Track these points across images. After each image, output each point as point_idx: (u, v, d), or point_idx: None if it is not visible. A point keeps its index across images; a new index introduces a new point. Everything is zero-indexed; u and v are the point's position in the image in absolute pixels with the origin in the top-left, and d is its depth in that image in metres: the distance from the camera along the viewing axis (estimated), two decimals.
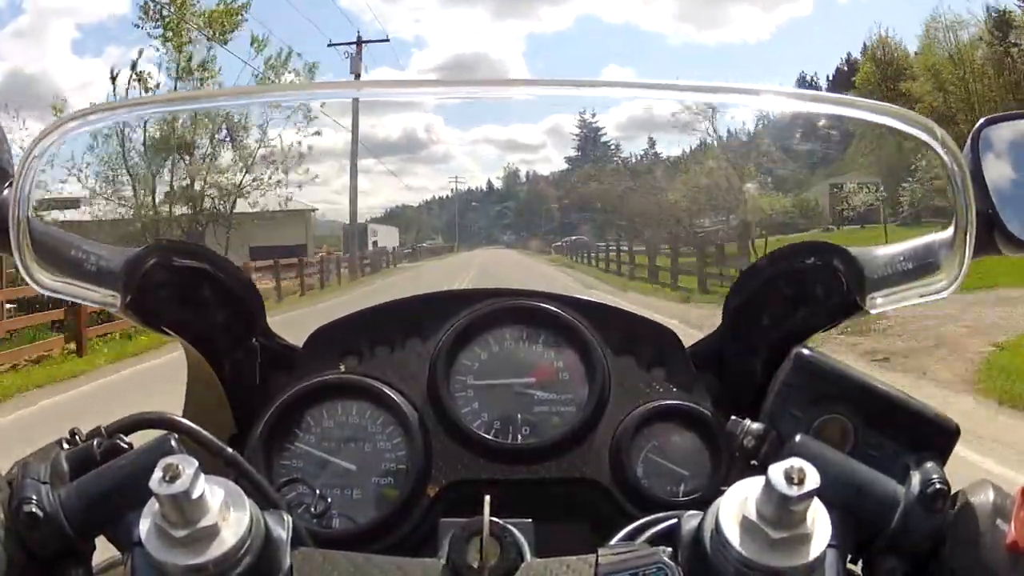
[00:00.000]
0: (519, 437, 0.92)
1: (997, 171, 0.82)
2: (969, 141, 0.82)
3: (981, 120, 0.84)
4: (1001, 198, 0.80)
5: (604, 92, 1.01)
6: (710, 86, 0.85)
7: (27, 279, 0.75)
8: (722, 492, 0.54)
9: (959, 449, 0.63)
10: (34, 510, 0.55)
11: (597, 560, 0.55)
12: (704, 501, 0.56)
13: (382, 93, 0.94)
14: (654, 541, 0.58)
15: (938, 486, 0.57)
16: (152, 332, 0.90)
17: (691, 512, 0.57)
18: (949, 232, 0.78)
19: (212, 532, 0.51)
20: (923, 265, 0.80)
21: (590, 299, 1.03)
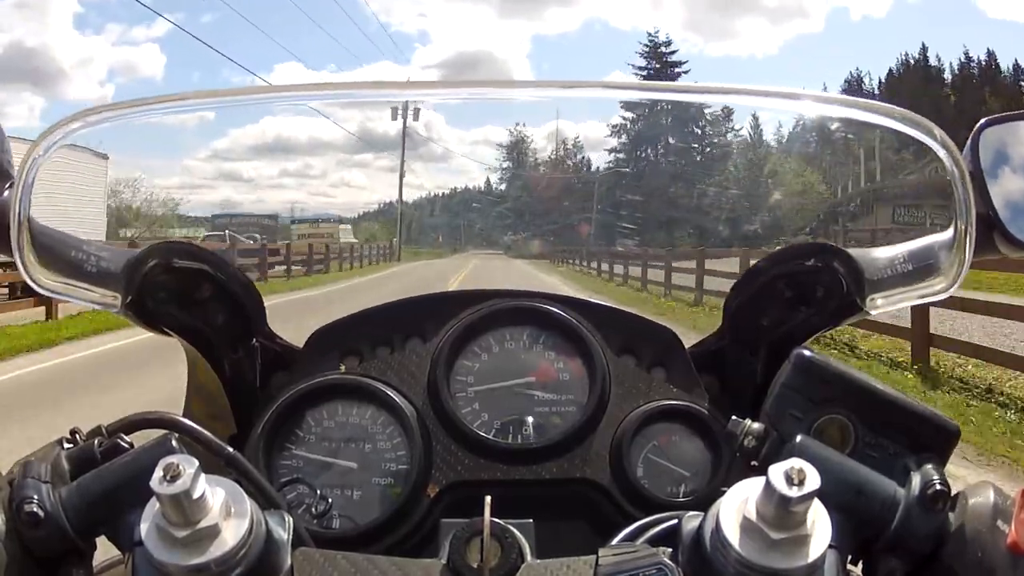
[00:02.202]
0: (519, 438, 0.92)
1: (997, 172, 0.82)
2: (969, 142, 0.82)
3: (981, 121, 0.84)
4: (1001, 199, 0.80)
5: (608, 94, 1.01)
6: (713, 87, 0.85)
7: (27, 279, 0.75)
8: (722, 493, 0.54)
9: None
10: (35, 509, 0.55)
11: (597, 560, 0.55)
12: (704, 502, 0.56)
13: (388, 95, 0.93)
14: (654, 542, 0.58)
15: (938, 487, 0.57)
16: (152, 332, 0.90)
17: (691, 513, 0.57)
18: (949, 233, 0.78)
19: (213, 532, 0.51)
20: (923, 266, 0.80)
21: (590, 299, 1.03)
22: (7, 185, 0.75)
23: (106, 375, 8.05)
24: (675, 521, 0.58)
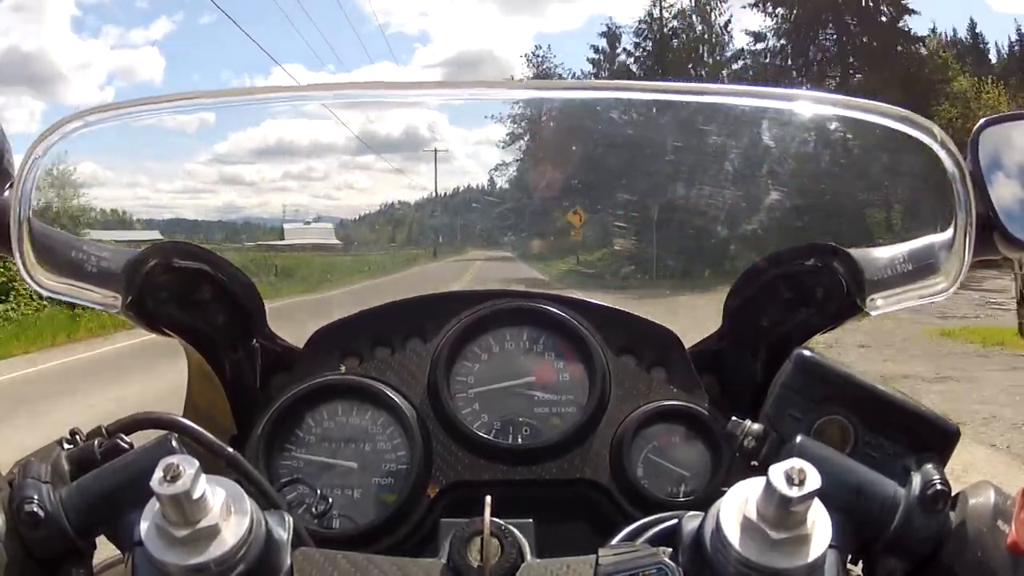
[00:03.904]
0: (519, 438, 0.92)
1: (997, 172, 0.82)
2: (969, 142, 0.82)
3: (981, 121, 0.84)
4: (1000, 199, 0.80)
5: (607, 95, 1.02)
6: (712, 88, 0.85)
7: (27, 279, 0.75)
8: (722, 493, 0.54)
9: None
10: (35, 510, 0.55)
11: (597, 560, 0.55)
12: (704, 502, 0.56)
13: (384, 95, 0.93)
14: (655, 541, 0.58)
15: (938, 487, 0.57)
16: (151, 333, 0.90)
17: (692, 513, 0.57)
18: (948, 234, 0.78)
19: (213, 532, 0.51)
20: (923, 267, 0.80)
21: (591, 300, 1.03)
22: (7, 185, 0.75)
23: None
24: (675, 521, 0.58)
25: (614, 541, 0.60)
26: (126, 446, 0.62)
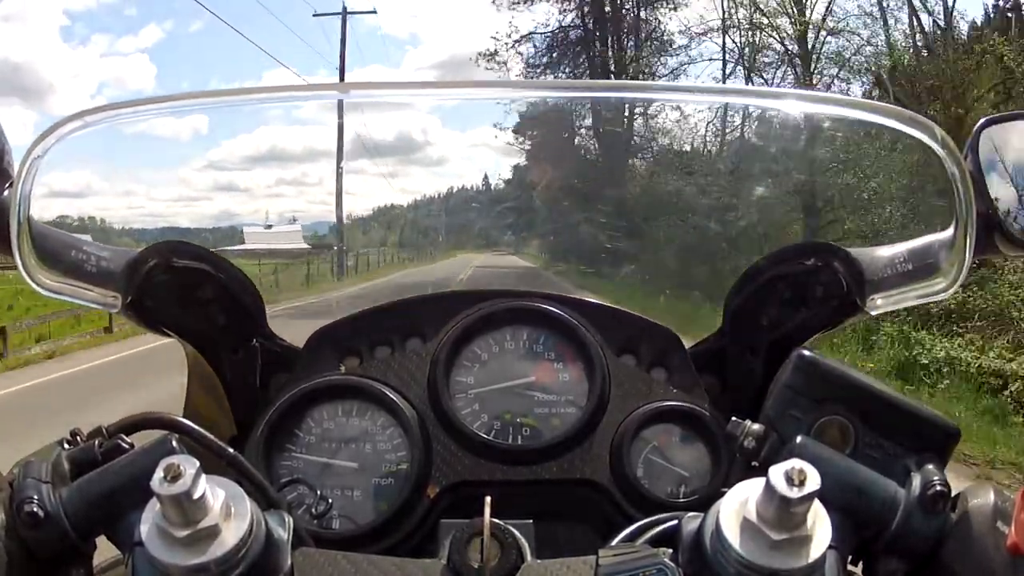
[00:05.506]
0: (519, 438, 0.92)
1: (997, 171, 0.82)
2: (969, 141, 0.82)
3: (981, 120, 0.84)
4: (1001, 198, 0.80)
5: (605, 94, 1.02)
6: (713, 87, 0.85)
7: (27, 279, 0.75)
8: (723, 493, 0.54)
9: None
10: (35, 510, 0.55)
11: (597, 561, 0.55)
12: (704, 502, 0.56)
13: (376, 95, 0.93)
14: (655, 542, 0.58)
15: (938, 488, 0.57)
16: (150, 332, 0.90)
17: (692, 513, 0.57)
18: (949, 232, 0.78)
19: (213, 532, 0.51)
20: (923, 266, 0.80)
21: (590, 299, 1.03)
22: (7, 185, 0.75)
23: None
24: (675, 522, 0.58)
25: (614, 542, 0.60)
26: (126, 446, 0.62)
